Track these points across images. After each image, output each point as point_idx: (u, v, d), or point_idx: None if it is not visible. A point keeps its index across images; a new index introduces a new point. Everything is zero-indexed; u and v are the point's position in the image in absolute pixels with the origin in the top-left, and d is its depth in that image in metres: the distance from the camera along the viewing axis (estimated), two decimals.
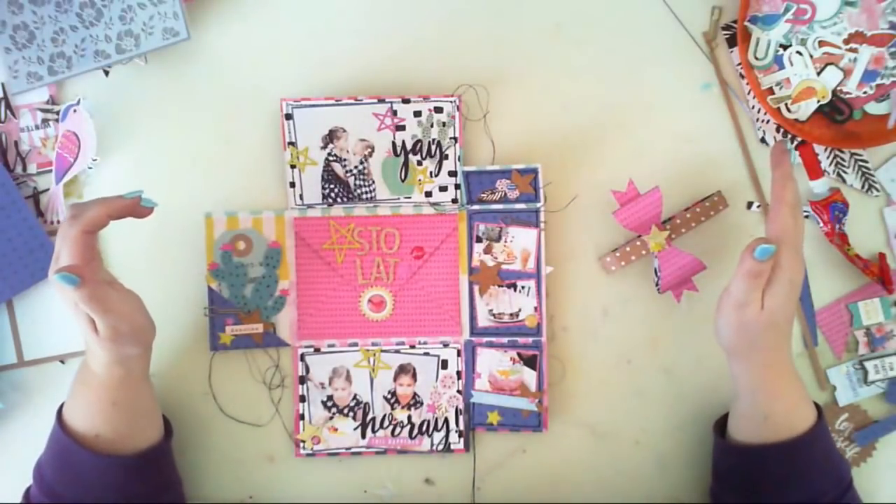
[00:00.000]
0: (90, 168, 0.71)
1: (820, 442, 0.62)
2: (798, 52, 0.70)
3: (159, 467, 0.64)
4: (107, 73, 0.72)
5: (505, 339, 0.71)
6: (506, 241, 0.70)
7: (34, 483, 0.62)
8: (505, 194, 0.70)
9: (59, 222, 0.71)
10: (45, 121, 0.72)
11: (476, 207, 0.70)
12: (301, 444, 0.71)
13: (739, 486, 0.64)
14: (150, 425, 0.64)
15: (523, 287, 0.70)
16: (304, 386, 0.71)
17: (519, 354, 0.70)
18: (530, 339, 0.70)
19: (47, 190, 0.71)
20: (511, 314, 0.71)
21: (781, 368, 0.62)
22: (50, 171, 0.71)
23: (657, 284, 0.70)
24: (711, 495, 0.67)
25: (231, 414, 0.72)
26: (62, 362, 0.72)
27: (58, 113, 0.71)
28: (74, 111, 0.69)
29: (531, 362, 0.70)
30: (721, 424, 0.67)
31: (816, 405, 0.64)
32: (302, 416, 0.71)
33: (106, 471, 0.60)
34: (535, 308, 0.70)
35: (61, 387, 0.71)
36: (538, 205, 0.70)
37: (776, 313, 0.59)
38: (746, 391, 0.63)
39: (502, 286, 0.70)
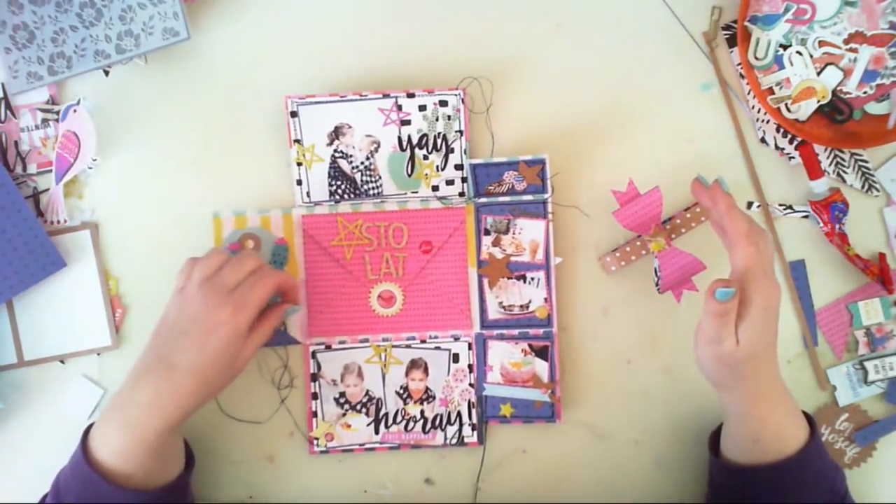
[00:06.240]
0: (90, 168, 0.71)
1: (811, 460, 0.61)
2: (798, 52, 0.70)
3: (183, 495, 0.65)
4: (107, 73, 0.72)
5: (516, 331, 0.71)
6: (514, 233, 0.70)
7: (52, 498, 0.62)
8: (512, 186, 0.70)
9: (59, 222, 0.71)
10: (45, 121, 0.72)
11: (483, 200, 0.70)
12: (315, 442, 0.71)
13: (732, 500, 0.64)
14: (178, 461, 0.64)
15: (533, 278, 0.70)
16: (316, 383, 0.71)
17: (530, 346, 0.70)
18: (541, 331, 0.70)
19: (47, 190, 0.71)
20: (521, 306, 0.70)
21: (768, 393, 0.61)
22: (50, 171, 0.71)
23: (657, 284, 0.70)
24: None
25: (232, 413, 0.72)
26: (62, 362, 0.72)
27: (58, 113, 0.71)
28: (74, 111, 0.69)
29: (543, 353, 0.70)
30: (715, 437, 0.67)
31: (810, 419, 0.63)
32: (315, 414, 0.71)
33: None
34: (545, 299, 0.70)
35: (61, 387, 0.72)
36: (546, 196, 0.70)
37: (753, 344, 0.58)
38: (734, 417, 0.62)
39: (512, 278, 0.70)
